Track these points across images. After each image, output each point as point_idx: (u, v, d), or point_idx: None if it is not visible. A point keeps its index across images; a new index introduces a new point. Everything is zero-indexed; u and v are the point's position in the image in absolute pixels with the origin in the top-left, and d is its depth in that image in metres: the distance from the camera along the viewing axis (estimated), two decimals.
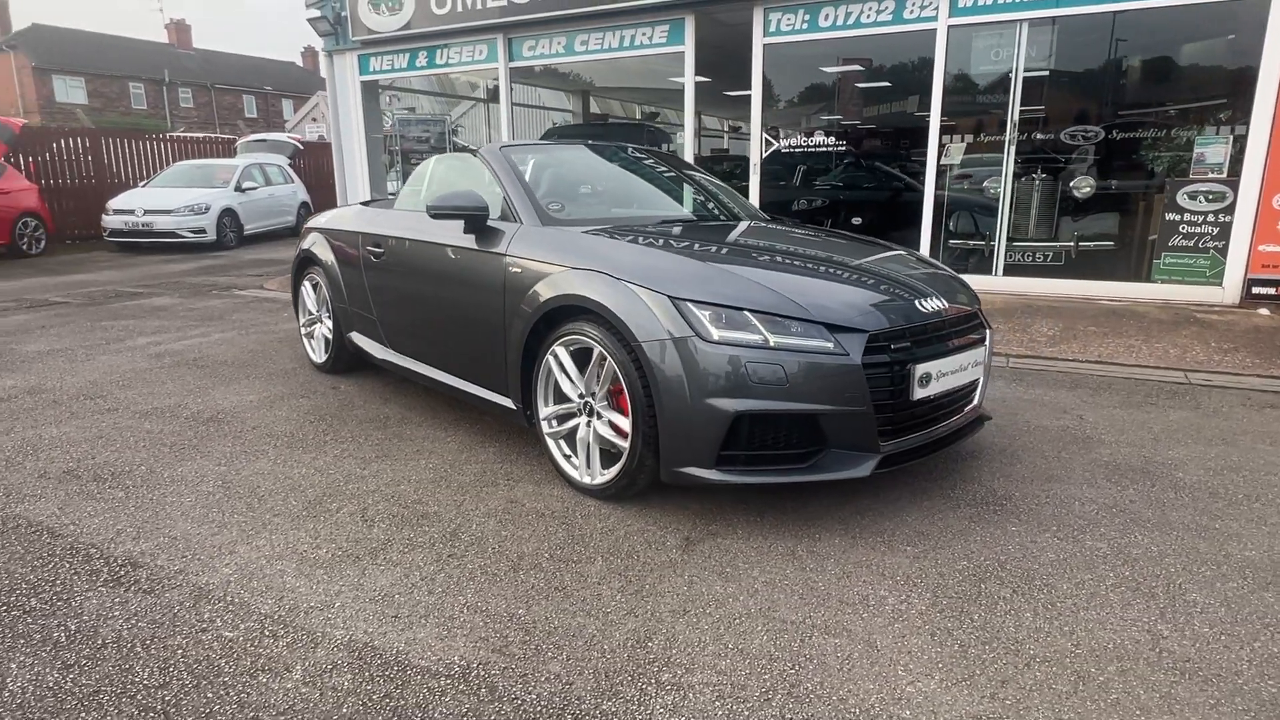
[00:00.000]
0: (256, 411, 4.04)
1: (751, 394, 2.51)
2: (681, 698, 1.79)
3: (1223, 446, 3.54)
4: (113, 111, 32.65)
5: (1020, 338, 5.63)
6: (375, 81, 9.90)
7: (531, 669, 1.90)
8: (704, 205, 4.10)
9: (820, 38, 7.18)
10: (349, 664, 1.92)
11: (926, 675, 1.87)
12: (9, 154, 11.49)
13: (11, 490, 3.00)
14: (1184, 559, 2.47)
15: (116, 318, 6.74)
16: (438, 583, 2.32)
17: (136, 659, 1.94)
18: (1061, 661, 1.93)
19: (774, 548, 2.54)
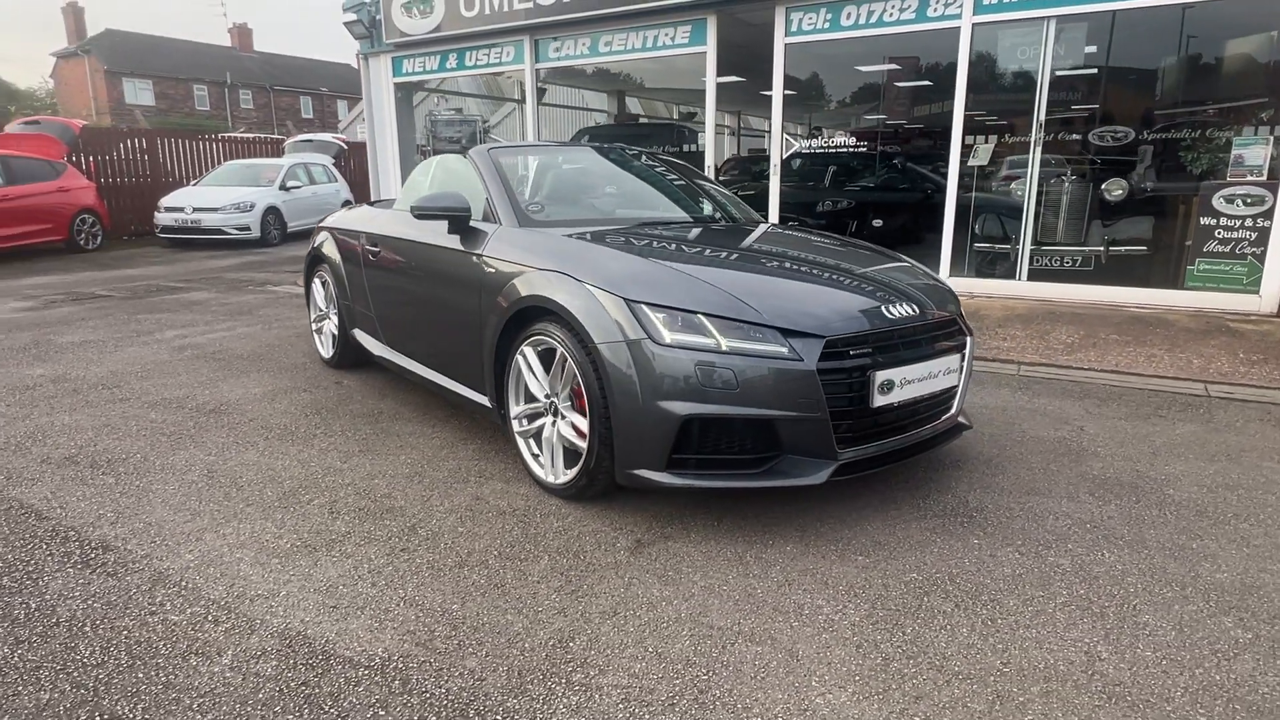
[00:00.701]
0: (258, 404, 4.18)
1: (702, 397, 2.50)
2: (588, 699, 1.80)
3: (1225, 463, 3.38)
4: (177, 112, 34.07)
5: (1036, 345, 5.46)
6: (408, 82, 10.11)
7: (449, 664, 1.93)
8: (693, 208, 4.09)
9: (842, 37, 7.08)
10: (277, 651, 1.98)
11: (840, 687, 1.85)
12: (70, 153, 12.07)
13: (13, 474, 3.17)
14: (1148, 579, 2.38)
15: (153, 311, 7.04)
16: (383, 576, 2.37)
17: (83, 638, 2.04)
18: (984, 680, 1.88)
19: (723, 553, 2.53)
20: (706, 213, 4.02)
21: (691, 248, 3.19)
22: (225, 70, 36.67)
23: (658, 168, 4.37)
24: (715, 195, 4.26)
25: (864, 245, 3.75)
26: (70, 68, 34.96)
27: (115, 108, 32.69)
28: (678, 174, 4.36)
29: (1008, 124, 6.69)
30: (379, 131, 10.18)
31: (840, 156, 9.09)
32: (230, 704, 1.78)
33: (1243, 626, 2.12)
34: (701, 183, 4.37)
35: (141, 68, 34.02)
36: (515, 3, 8.37)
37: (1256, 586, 2.33)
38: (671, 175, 4.33)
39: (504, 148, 3.82)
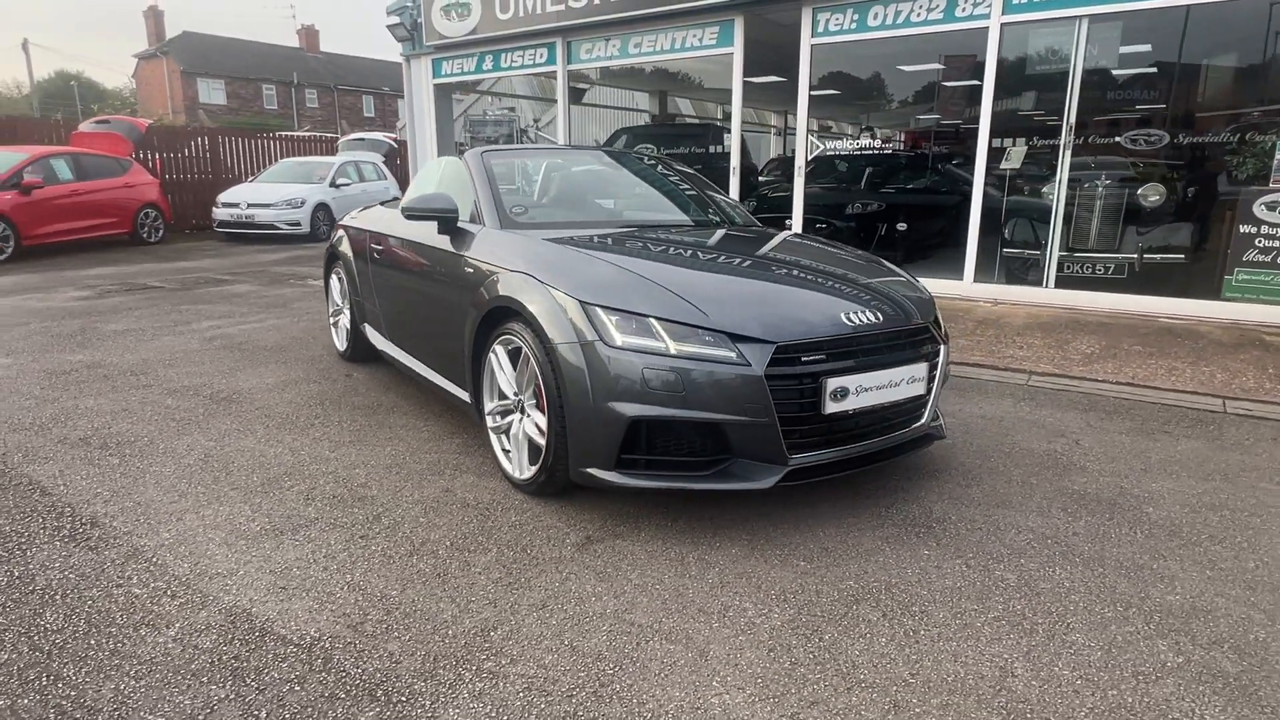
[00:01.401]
0: (268, 393, 4.38)
1: (649, 400, 2.55)
2: (491, 685, 1.88)
3: (1219, 482, 3.26)
4: (247, 111, 35.55)
5: (1052, 354, 5.31)
6: (447, 83, 10.36)
7: (371, 646, 2.03)
8: (682, 212, 4.12)
9: (869, 38, 6.99)
10: (220, 626, 2.12)
11: (739, 689, 1.88)
12: (135, 151, 12.74)
13: (30, 452, 3.42)
14: (1093, 598, 2.33)
15: (196, 302, 7.41)
16: (336, 561, 2.49)
17: (52, 605, 2.21)
18: (886, 689, 1.88)
19: (668, 552, 2.58)
20: (697, 217, 4.04)
21: (662, 252, 3.23)
22: (292, 70, 38.06)
23: (656, 171, 4.42)
24: (710, 200, 4.28)
25: (851, 252, 3.74)
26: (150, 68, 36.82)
27: (190, 106, 34.30)
28: (677, 178, 4.40)
29: (1036, 126, 6.51)
30: (419, 131, 10.47)
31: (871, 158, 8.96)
32: (164, 673, 1.91)
33: (1176, 650, 2.06)
34: (698, 187, 4.39)
35: (215, 68, 35.62)
36: (548, 5, 8.50)
37: (1206, 610, 2.26)
38: (670, 179, 4.38)
39: (498, 150, 3.92)
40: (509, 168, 3.89)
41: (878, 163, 9.28)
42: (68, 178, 10.96)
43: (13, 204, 10.01)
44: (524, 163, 4.00)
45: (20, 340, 5.61)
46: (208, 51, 36.08)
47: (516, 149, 4.24)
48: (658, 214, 4.04)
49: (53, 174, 10.76)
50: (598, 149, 4.38)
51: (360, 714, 1.77)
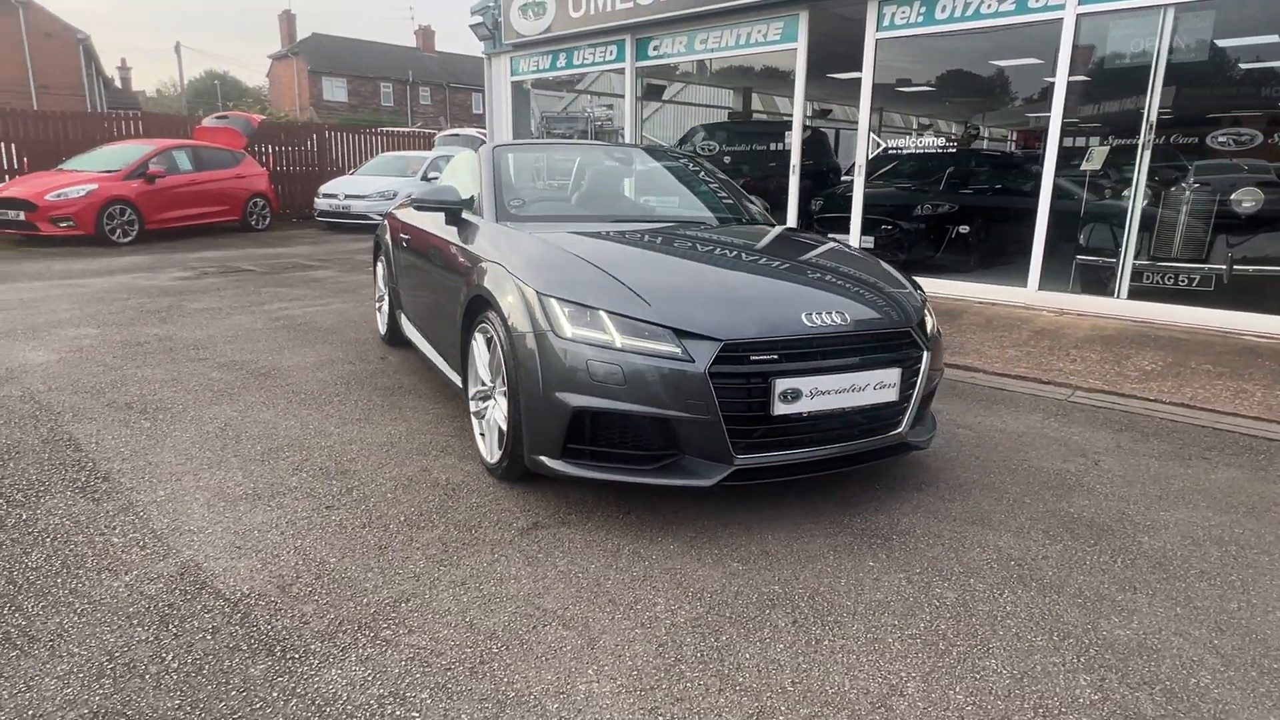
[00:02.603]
0: (304, 371, 4.68)
1: (592, 391, 2.58)
2: (380, 652, 1.97)
3: (1240, 515, 2.97)
4: (365, 109, 37.67)
5: (1105, 370, 4.95)
6: (523, 81, 10.66)
7: (289, 606, 2.17)
8: (681, 207, 4.11)
9: (936, 31, 6.69)
10: (169, 577, 2.31)
11: (611, 678, 1.89)
12: (249, 144, 13.76)
13: (80, 412, 3.81)
14: (1031, 625, 2.19)
15: (278, 285, 7.96)
16: (296, 528, 2.66)
17: (40, 546, 2.48)
18: (759, 695, 1.85)
19: (605, 543, 2.60)
20: (695, 214, 4.02)
21: (636, 247, 3.24)
22: (408, 69, 40.01)
23: (670, 168, 4.42)
24: (720, 197, 4.24)
25: (848, 251, 3.63)
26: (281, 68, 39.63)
27: (315, 103, 36.69)
28: (690, 174, 4.39)
29: (1113, 124, 6.06)
30: (497, 126, 10.82)
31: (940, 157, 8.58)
32: (104, 613, 2.12)
33: (1097, 687, 1.92)
34: (713, 183, 4.36)
35: (338, 67, 37.94)
36: (617, 3, 8.60)
37: (1154, 649, 2.09)
38: (682, 176, 4.37)
39: (511, 145, 4.03)
40: (519, 162, 4.00)
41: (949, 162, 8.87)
42: (187, 168, 11.98)
43: (138, 191, 11.04)
44: (535, 158, 4.09)
45: (114, 314, 6.21)
46: (333, 51, 38.47)
47: (530, 144, 4.34)
48: (655, 210, 4.05)
49: (174, 165, 11.78)
50: (612, 145, 4.42)
51: (252, 666, 1.91)
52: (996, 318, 6.23)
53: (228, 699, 1.78)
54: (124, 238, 10.92)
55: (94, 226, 10.56)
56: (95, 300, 6.80)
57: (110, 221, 10.76)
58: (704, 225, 3.82)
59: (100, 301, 6.75)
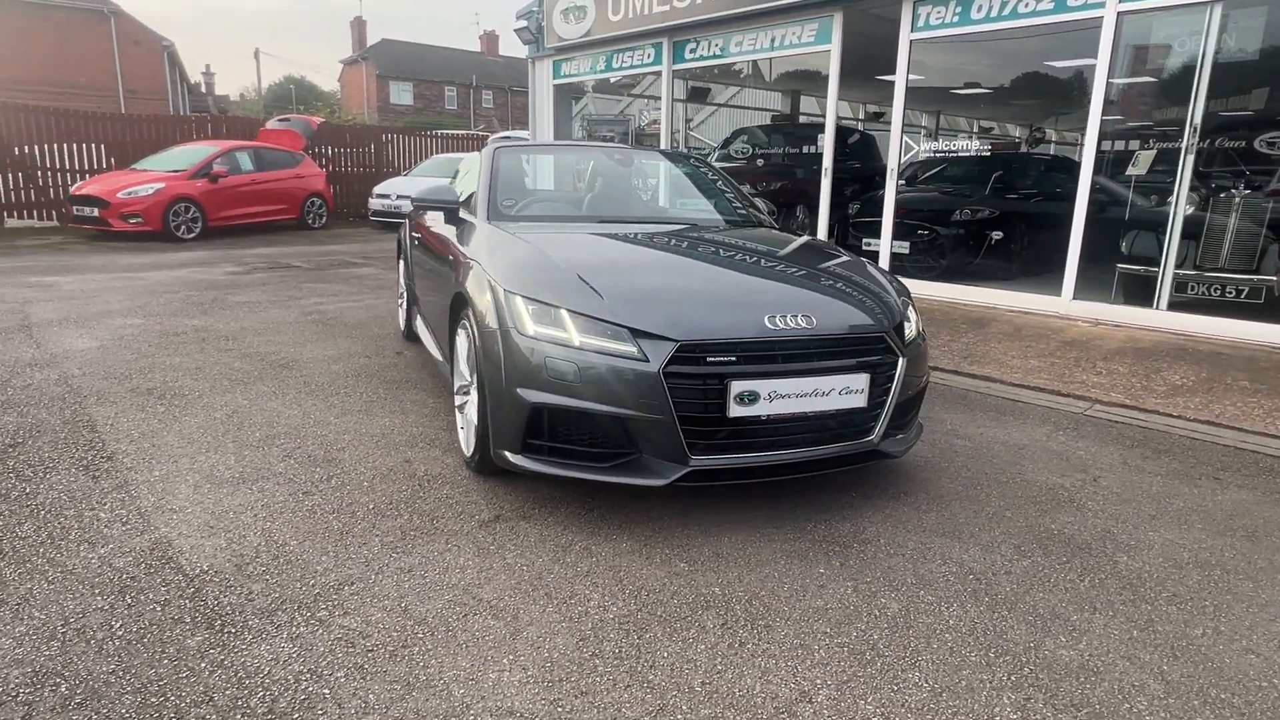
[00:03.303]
0: (320, 363, 4.86)
1: (549, 388, 2.62)
2: (311, 631, 2.05)
3: (1235, 539, 2.82)
4: (430, 112, 38.73)
5: (1131, 384, 4.74)
6: (566, 84, 10.80)
7: (240, 584, 2.27)
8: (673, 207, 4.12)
9: (972, 31, 6.52)
10: (140, 552, 2.45)
11: (522, 669, 1.92)
12: (308, 146, 14.32)
13: (103, 395, 4.05)
14: (969, 640, 2.13)
15: (319, 281, 8.28)
16: (269, 511, 2.78)
17: (34, 518, 2.66)
18: (664, 693, 1.85)
19: (560, 538, 2.64)
20: (686, 214, 4.03)
21: (611, 248, 3.27)
22: (472, 73, 40.94)
23: (668, 170, 4.43)
24: (717, 199, 4.23)
25: (832, 252, 3.58)
26: (352, 73, 41.06)
27: (382, 106, 37.90)
28: (690, 175, 4.39)
29: (1154, 128, 5.79)
30: (539, 129, 10.99)
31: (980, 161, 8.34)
32: (72, 582, 2.26)
33: (1019, 706, 1.85)
34: (714, 184, 4.35)
35: (405, 71, 39.12)
36: (654, 6, 8.64)
37: (1095, 672, 2.00)
38: (681, 179, 4.37)
39: (511, 146, 4.11)
40: (519, 163, 4.07)
41: (991, 167, 8.61)
42: (249, 168, 12.54)
43: (202, 190, 11.62)
44: (535, 158, 4.16)
45: (160, 305, 6.56)
46: (400, 56, 39.69)
47: (532, 145, 4.42)
48: (647, 211, 4.06)
49: (237, 165, 12.35)
50: (614, 148, 4.46)
51: (190, 637, 2.01)
52: (1026, 327, 6.02)
53: (159, 666, 1.89)
54: (188, 234, 11.50)
55: (160, 223, 11.16)
56: (148, 293, 7.19)
57: (175, 218, 11.35)
58: (693, 227, 3.82)
59: (152, 294, 7.13)
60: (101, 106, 20.56)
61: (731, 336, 2.62)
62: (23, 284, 7.44)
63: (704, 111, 18.00)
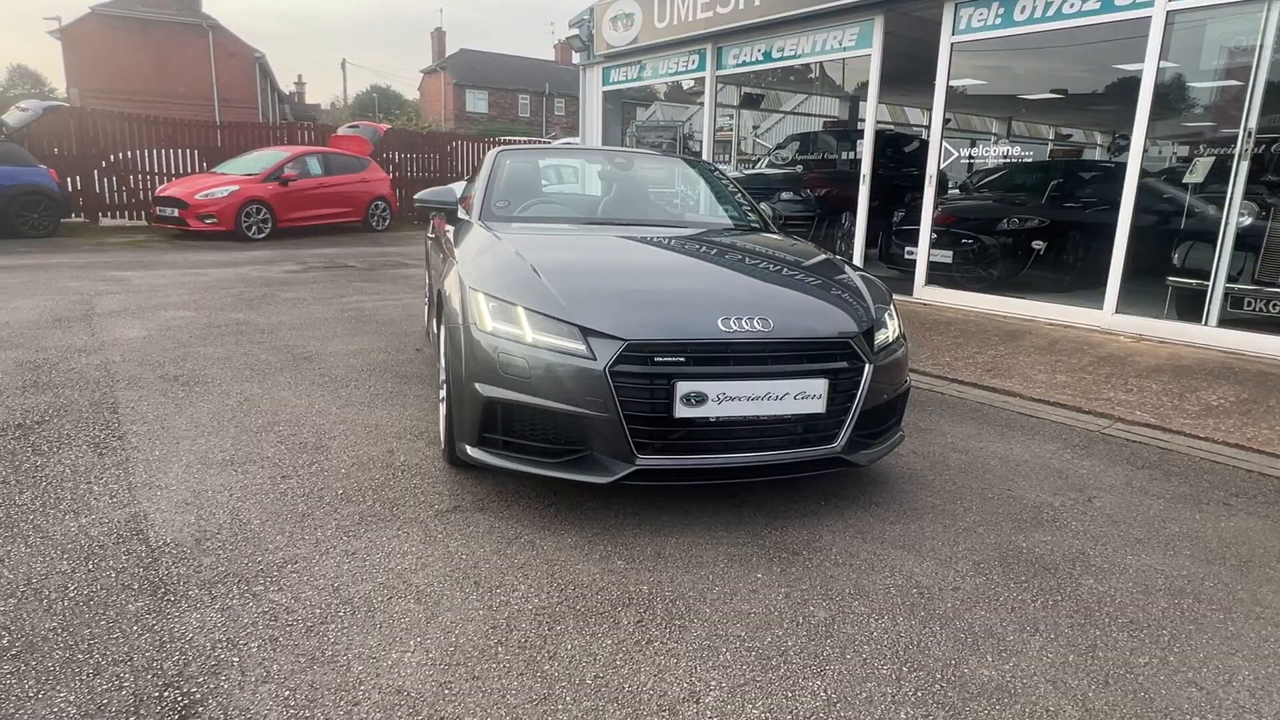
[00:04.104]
0: (341, 358, 5.08)
1: (503, 384, 2.68)
2: (243, 604, 2.16)
3: (1223, 568, 2.64)
4: (504, 119, 39.70)
5: (1161, 403, 4.48)
6: (615, 90, 10.92)
7: (194, 557, 2.41)
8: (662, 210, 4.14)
9: (1015, 33, 6.29)
10: (116, 523, 2.63)
11: (425, 651, 1.98)
12: (375, 151, 14.91)
13: (133, 381, 4.34)
14: (886, 653, 2.07)
15: (367, 280, 8.61)
16: (245, 492, 2.93)
17: (33, 489, 2.88)
18: (553, 684, 1.87)
19: (508, 530, 2.69)
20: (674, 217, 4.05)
21: (585, 250, 3.32)
22: (545, 81, 41.78)
23: (670, 173, 4.45)
24: (716, 203, 4.22)
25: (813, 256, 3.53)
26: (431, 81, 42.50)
27: (459, 114, 39.10)
28: (694, 181, 4.40)
29: (1205, 133, 5.45)
30: (588, 135, 11.14)
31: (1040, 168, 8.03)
32: (46, 546, 2.44)
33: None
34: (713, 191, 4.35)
35: (481, 80, 40.25)
36: (698, 12, 8.66)
37: (1013, 693, 1.92)
38: (682, 183, 4.39)
39: (515, 150, 4.21)
40: (522, 166, 4.17)
41: (1049, 173, 8.26)
42: (317, 172, 13.14)
43: (273, 193, 12.25)
44: (536, 162, 4.25)
45: (213, 300, 6.97)
46: (477, 66, 40.86)
47: (536, 149, 4.50)
48: (637, 214, 4.08)
49: (306, 169, 12.96)
50: (618, 152, 4.51)
51: (131, 602, 2.15)
52: (1062, 341, 5.75)
53: (94, 627, 2.03)
54: (258, 234, 12.14)
55: (233, 223, 11.82)
56: (206, 288, 7.64)
57: (248, 219, 12.00)
58: (681, 230, 3.84)
59: (210, 289, 7.58)
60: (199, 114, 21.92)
61: (680, 337, 2.62)
62: (99, 278, 8.01)
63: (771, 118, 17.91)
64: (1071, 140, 13.49)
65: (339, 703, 1.77)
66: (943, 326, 6.33)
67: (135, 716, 1.71)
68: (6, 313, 6.02)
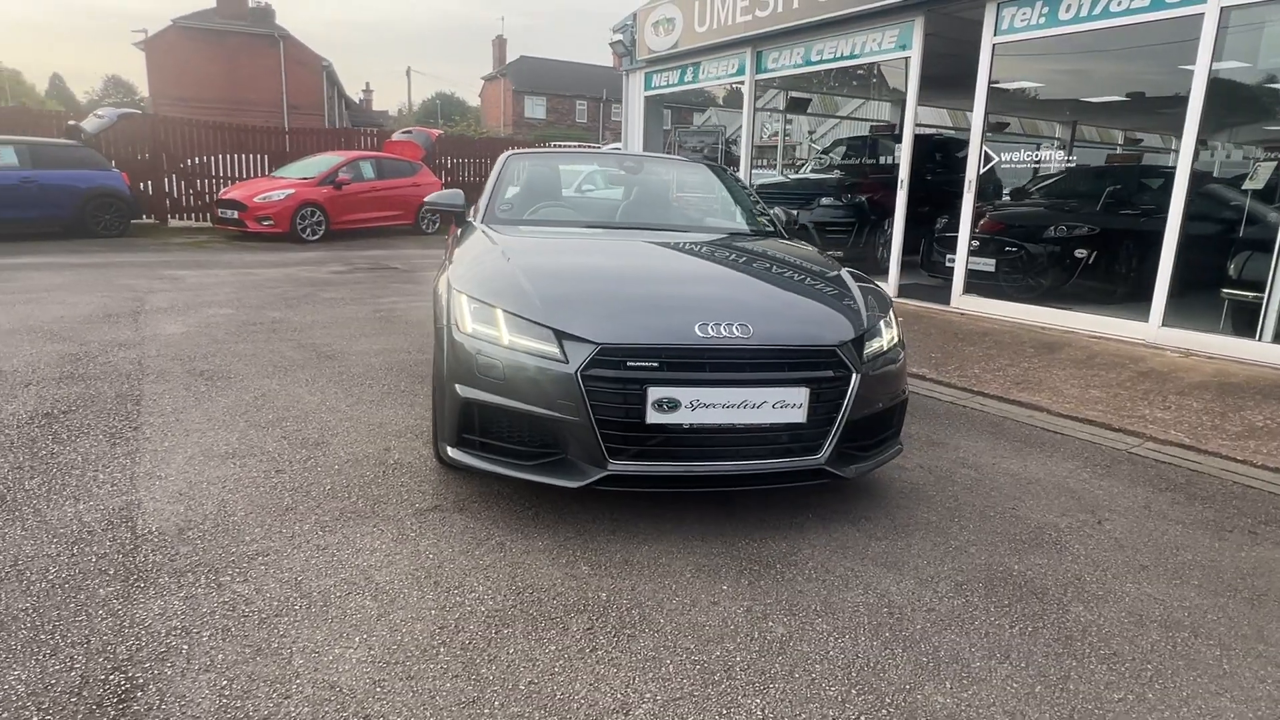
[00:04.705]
0: (362, 356, 5.19)
1: (479, 385, 2.69)
2: (207, 593, 2.21)
3: (1232, 600, 2.46)
4: (561, 125, 40.18)
5: (1200, 422, 4.23)
6: (657, 95, 10.92)
7: (173, 545, 2.49)
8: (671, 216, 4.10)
9: (1060, 33, 6.04)
10: (110, 510, 2.73)
11: (367, 648, 1.99)
12: (427, 156, 15.26)
13: (161, 374, 4.52)
14: (837, 674, 1.99)
15: (406, 281, 8.81)
16: (239, 484, 3.02)
17: (44, 473, 3.02)
18: (485, 687, 1.85)
19: (481, 531, 2.70)
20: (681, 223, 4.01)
21: (574, 253, 3.32)
22: (603, 87, 42.09)
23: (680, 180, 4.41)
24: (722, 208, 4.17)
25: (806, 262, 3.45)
26: (492, 88, 43.34)
27: (517, 120, 39.76)
28: (699, 186, 4.35)
29: (1260, 134, 5.13)
30: (630, 139, 11.17)
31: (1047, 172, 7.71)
32: (42, 530, 2.56)
33: None
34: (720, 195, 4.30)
35: (539, 86, 40.86)
36: (738, 16, 8.60)
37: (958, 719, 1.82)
38: (689, 187, 4.34)
39: (525, 153, 4.24)
40: (531, 170, 4.19)
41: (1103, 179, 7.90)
42: (370, 176, 13.52)
43: (327, 196, 12.65)
44: (545, 165, 4.27)
45: (256, 298, 7.22)
46: (536, 72, 41.50)
47: (545, 153, 4.52)
48: (638, 218, 4.05)
49: (359, 173, 13.35)
50: (626, 156, 4.50)
51: (103, 587, 2.23)
52: (1103, 354, 5.48)
53: (63, 609, 2.11)
54: (312, 236, 12.55)
55: (289, 225, 12.25)
56: (253, 287, 7.93)
57: (302, 221, 12.42)
58: (685, 234, 3.80)
59: (256, 288, 7.86)
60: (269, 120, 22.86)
61: (655, 342, 2.58)
62: (156, 276, 8.41)
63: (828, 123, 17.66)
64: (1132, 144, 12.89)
65: (271, 695, 1.80)
66: (977, 337, 6.11)
67: (78, 698, 1.76)
68: (65, 308, 6.36)
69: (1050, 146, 11.25)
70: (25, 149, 11.20)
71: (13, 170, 10.97)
